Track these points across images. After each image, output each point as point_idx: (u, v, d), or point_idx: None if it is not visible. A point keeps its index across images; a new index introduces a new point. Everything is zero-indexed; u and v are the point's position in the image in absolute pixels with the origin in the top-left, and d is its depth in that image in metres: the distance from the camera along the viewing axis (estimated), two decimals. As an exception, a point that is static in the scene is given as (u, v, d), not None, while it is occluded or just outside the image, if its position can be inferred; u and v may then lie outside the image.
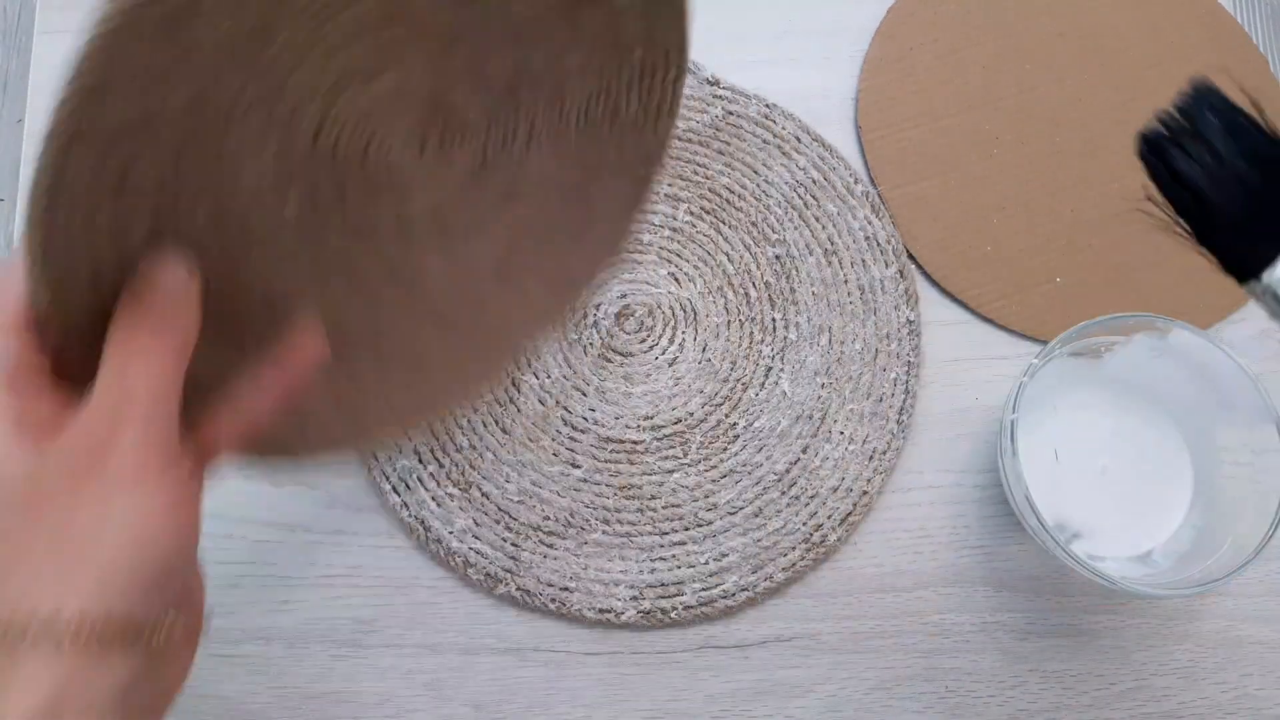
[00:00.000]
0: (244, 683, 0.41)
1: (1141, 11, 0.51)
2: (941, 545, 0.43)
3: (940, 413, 0.45)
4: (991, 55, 0.50)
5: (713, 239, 0.47)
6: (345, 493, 0.44)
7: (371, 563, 0.43)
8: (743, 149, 0.48)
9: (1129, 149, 0.51)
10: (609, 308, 0.46)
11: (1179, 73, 0.50)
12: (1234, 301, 0.46)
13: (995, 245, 0.47)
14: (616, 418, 0.44)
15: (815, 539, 0.43)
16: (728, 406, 0.45)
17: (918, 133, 0.49)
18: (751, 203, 0.48)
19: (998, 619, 0.43)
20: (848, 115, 0.50)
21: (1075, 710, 0.42)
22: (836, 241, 0.47)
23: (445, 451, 0.44)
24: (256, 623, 0.42)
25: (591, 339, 0.46)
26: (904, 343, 0.46)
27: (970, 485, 0.44)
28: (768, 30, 0.51)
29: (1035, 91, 0.50)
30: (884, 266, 0.47)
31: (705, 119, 0.49)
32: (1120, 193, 0.48)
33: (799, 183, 0.48)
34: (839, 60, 0.51)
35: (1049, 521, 0.38)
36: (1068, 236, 0.47)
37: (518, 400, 0.44)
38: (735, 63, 0.50)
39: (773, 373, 0.45)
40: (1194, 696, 0.42)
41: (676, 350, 0.46)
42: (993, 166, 0.49)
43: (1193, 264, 0.47)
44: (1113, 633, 0.42)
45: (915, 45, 0.50)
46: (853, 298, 0.46)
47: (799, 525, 0.43)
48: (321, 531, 0.43)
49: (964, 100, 0.50)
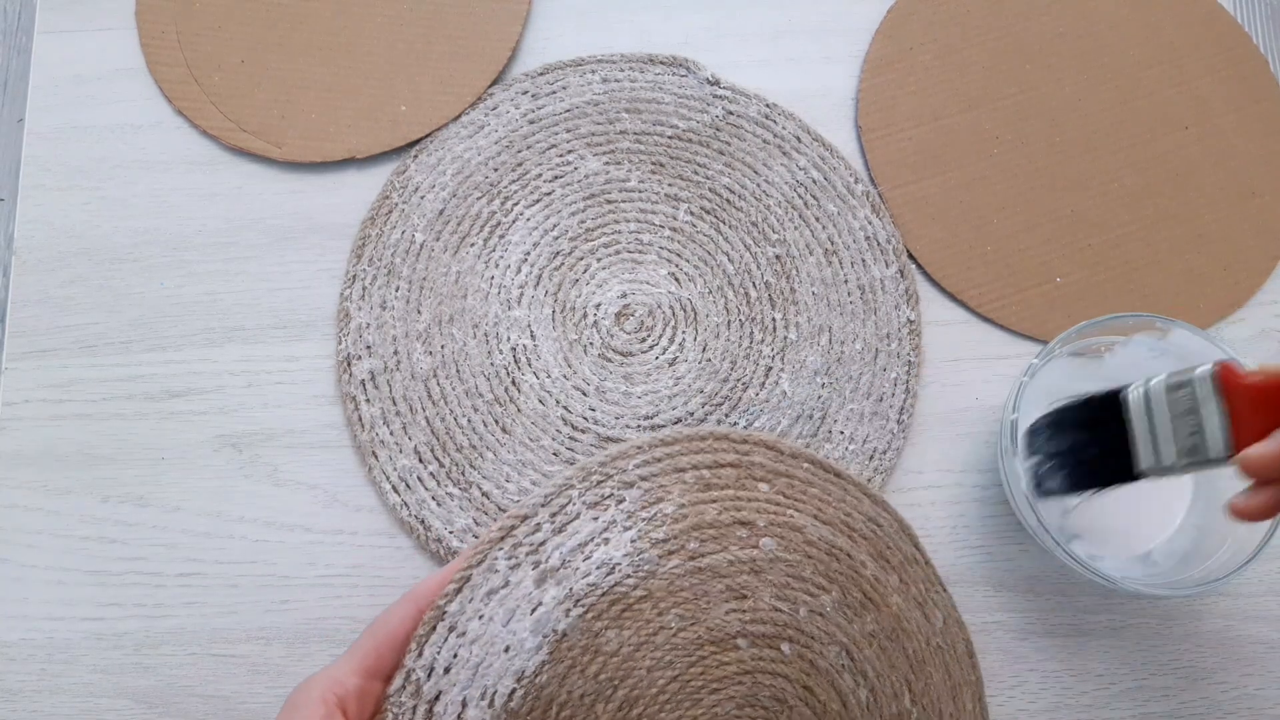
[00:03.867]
0: (244, 683, 0.41)
1: (1141, 11, 0.51)
2: (941, 545, 0.43)
3: (940, 413, 0.45)
4: (991, 55, 0.50)
5: (713, 239, 0.47)
6: (345, 493, 0.44)
7: (371, 563, 0.43)
8: (743, 149, 0.48)
9: (1129, 149, 0.51)
10: (609, 308, 0.46)
11: (1179, 73, 0.50)
12: (1234, 301, 0.46)
13: (995, 245, 0.47)
14: (617, 417, 0.44)
15: None
16: (728, 406, 0.45)
17: (918, 133, 0.49)
18: (751, 203, 0.48)
19: (998, 619, 0.43)
20: (848, 115, 0.50)
21: (1075, 710, 0.42)
22: (836, 241, 0.47)
23: (445, 451, 0.44)
24: (256, 623, 0.42)
25: (591, 339, 0.46)
26: (904, 343, 0.46)
27: (970, 485, 0.44)
28: (767, 30, 0.51)
29: (1035, 91, 0.50)
30: (884, 266, 0.47)
31: (705, 119, 0.49)
32: (1120, 192, 0.48)
33: (799, 183, 0.48)
34: (839, 60, 0.51)
35: (1049, 522, 0.38)
36: (1068, 236, 0.47)
37: (518, 400, 0.44)
38: (735, 63, 0.50)
39: (773, 372, 0.45)
40: (1194, 696, 0.42)
41: (676, 350, 0.46)
42: (993, 166, 0.49)
43: (1193, 264, 0.47)
44: (1113, 633, 0.42)
45: (915, 45, 0.50)
46: (853, 297, 0.46)
47: None
48: (321, 531, 0.43)
49: (964, 100, 0.50)
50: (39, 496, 0.44)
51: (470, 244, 0.47)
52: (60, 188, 0.48)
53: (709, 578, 0.36)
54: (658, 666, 0.35)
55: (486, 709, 0.33)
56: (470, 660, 0.33)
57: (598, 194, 0.48)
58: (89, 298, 0.46)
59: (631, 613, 0.35)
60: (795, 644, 0.36)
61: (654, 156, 0.48)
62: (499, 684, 0.33)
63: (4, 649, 0.42)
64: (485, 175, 0.48)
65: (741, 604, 0.36)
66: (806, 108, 0.49)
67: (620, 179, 0.48)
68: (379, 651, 0.33)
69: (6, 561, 0.43)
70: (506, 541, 0.34)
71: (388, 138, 0.48)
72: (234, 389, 0.45)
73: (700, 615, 0.36)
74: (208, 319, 0.46)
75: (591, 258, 0.47)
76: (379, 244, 0.47)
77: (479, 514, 0.43)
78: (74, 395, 0.45)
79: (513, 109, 0.49)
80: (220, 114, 0.49)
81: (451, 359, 0.45)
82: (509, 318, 0.46)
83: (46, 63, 0.50)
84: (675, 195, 0.48)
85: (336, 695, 0.31)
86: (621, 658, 0.35)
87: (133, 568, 0.43)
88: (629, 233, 0.47)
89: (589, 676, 0.34)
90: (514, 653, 0.34)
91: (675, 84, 0.49)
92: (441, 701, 0.33)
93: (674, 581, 0.35)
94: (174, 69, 0.49)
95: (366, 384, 0.45)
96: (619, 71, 0.49)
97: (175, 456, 0.44)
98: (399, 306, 0.46)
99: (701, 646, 0.36)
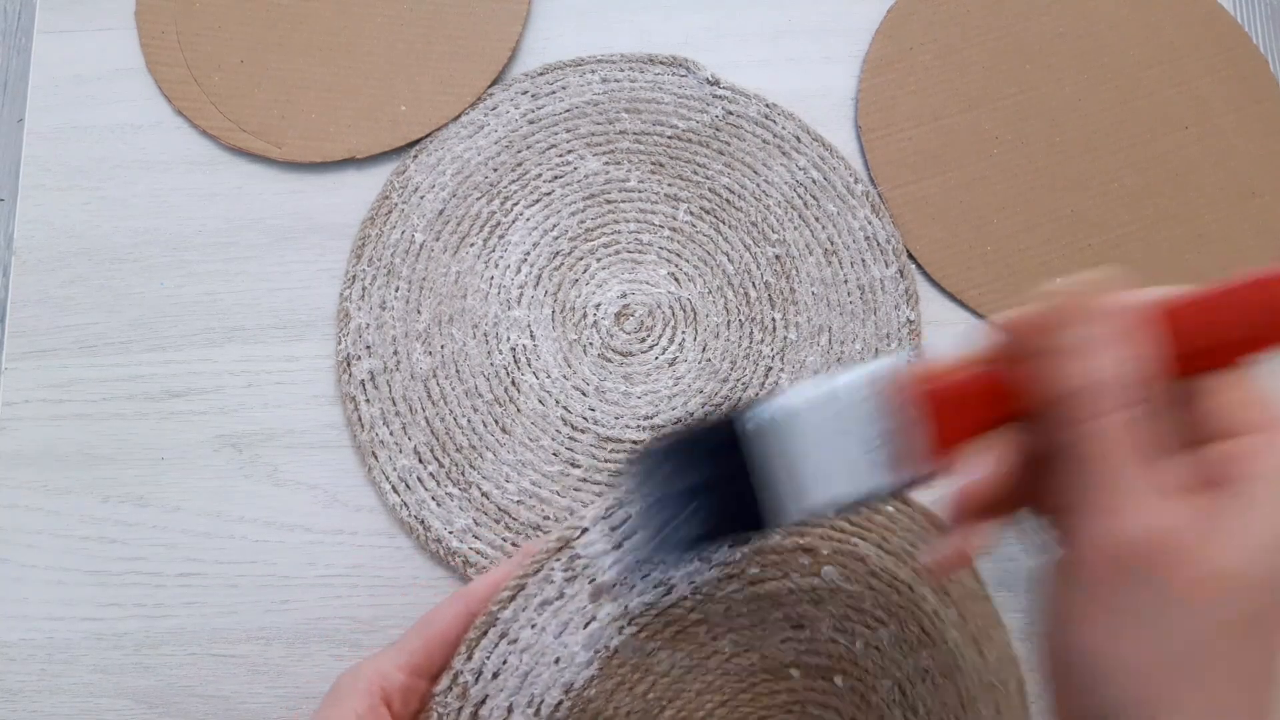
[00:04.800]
0: (244, 683, 0.41)
1: (1141, 11, 0.51)
2: (941, 545, 0.43)
3: (940, 413, 0.45)
4: (991, 55, 0.50)
5: (713, 239, 0.47)
6: (345, 493, 0.44)
7: (371, 563, 0.43)
8: (743, 149, 0.48)
9: (1129, 149, 0.51)
10: (609, 308, 0.46)
11: (1179, 73, 0.50)
12: None
13: (995, 245, 0.47)
14: (616, 418, 0.45)
15: None
16: (727, 407, 0.45)
17: (918, 133, 0.49)
18: (751, 203, 0.48)
19: (997, 619, 0.42)
20: (848, 115, 0.50)
21: (1075, 710, 0.41)
22: (836, 241, 0.47)
23: (445, 451, 0.44)
24: (256, 623, 0.42)
25: (591, 339, 0.46)
26: (904, 342, 0.46)
27: (970, 485, 0.44)
28: (767, 30, 0.51)
29: (1035, 91, 0.50)
30: (884, 266, 0.47)
31: (705, 119, 0.49)
32: (1120, 192, 0.48)
33: (799, 182, 0.48)
34: (839, 60, 0.51)
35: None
36: (1068, 236, 0.47)
37: (517, 400, 0.44)
38: (735, 63, 0.50)
39: (772, 373, 0.45)
40: (1194, 696, 0.42)
41: (676, 350, 0.46)
42: (993, 166, 0.49)
43: (1193, 264, 0.47)
44: (1112, 633, 0.42)
45: (915, 45, 0.50)
46: (853, 297, 0.46)
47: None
48: (321, 531, 0.43)
49: (964, 100, 0.50)
50: (39, 496, 0.44)
51: (470, 244, 0.47)
52: (60, 188, 0.48)
53: (767, 605, 0.35)
54: (707, 690, 0.35)
55: (533, 717, 0.33)
56: (519, 668, 0.33)
57: (597, 194, 0.48)
58: (89, 298, 0.46)
59: (686, 635, 0.35)
60: (849, 676, 0.36)
61: (654, 156, 0.48)
62: (546, 694, 0.33)
63: (4, 649, 0.42)
64: (485, 175, 0.48)
65: (799, 633, 0.35)
66: (806, 107, 0.49)
67: (620, 179, 0.48)
68: (428, 650, 0.33)
69: (6, 561, 0.43)
70: (564, 553, 0.34)
71: (388, 138, 0.48)
72: (234, 389, 0.45)
73: (755, 643, 0.35)
74: (208, 319, 0.46)
75: (591, 258, 0.47)
76: (379, 244, 0.47)
77: (479, 514, 0.43)
78: (74, 395, 0.45)
79: (512, 109, 0.49)
80: (220, 114, 0.49)
81: (451, 359, 0.45)
82: (509, 318, 0.46)
83: (46, 63, 0.50)
84: (675, 195, 0.48)
85: (383, 689, 0.31)
86: (672, 679, 0.35)
87: (133, 568, 0.43)
88: (629, 233, 0.47)
89: (637, 695, 0.34)
90: (564, 665, 0.33)
91: (675, 84, 0.49)
92: (487, 706, 0.33)
93: (731, 607, 0.35)
94: (174, 69, 0.49)
95: (366, 384, 0.45)
96: (619, 71, 0.49)
97: (175, 456, 0.44)
98: (399, 307, 0.46)
99: (754, 674, 0.35)
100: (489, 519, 0.43)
